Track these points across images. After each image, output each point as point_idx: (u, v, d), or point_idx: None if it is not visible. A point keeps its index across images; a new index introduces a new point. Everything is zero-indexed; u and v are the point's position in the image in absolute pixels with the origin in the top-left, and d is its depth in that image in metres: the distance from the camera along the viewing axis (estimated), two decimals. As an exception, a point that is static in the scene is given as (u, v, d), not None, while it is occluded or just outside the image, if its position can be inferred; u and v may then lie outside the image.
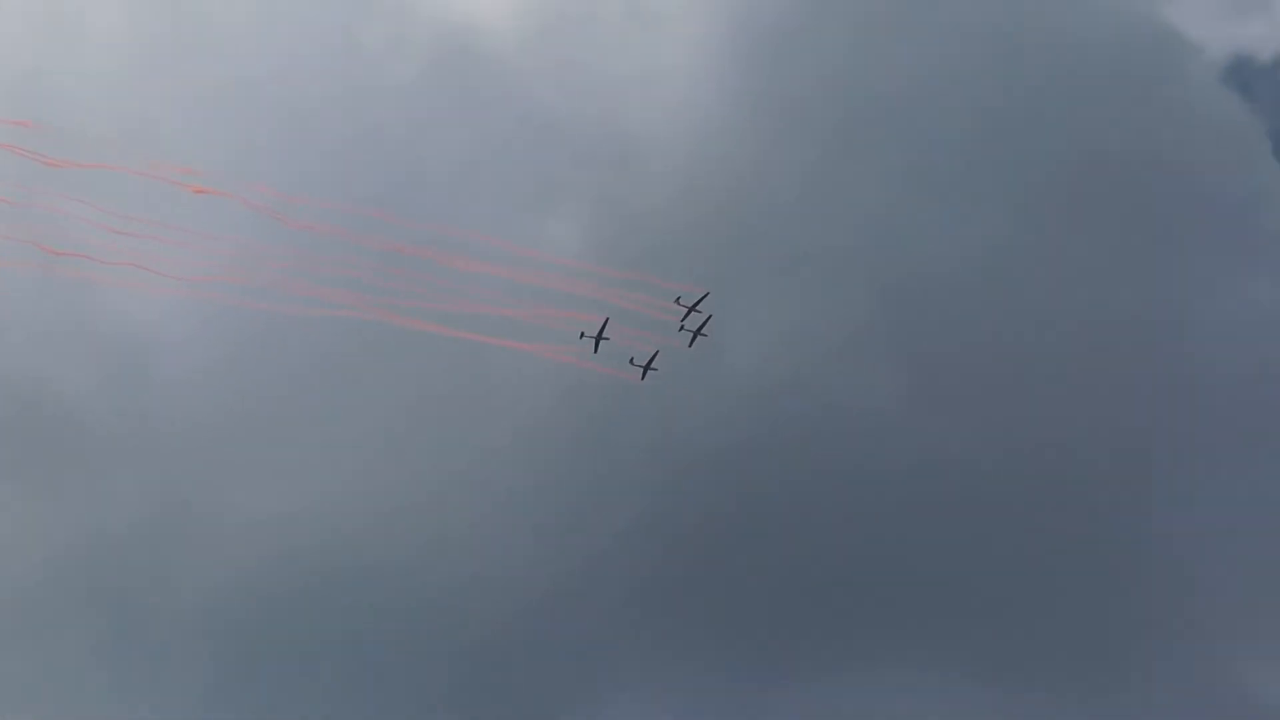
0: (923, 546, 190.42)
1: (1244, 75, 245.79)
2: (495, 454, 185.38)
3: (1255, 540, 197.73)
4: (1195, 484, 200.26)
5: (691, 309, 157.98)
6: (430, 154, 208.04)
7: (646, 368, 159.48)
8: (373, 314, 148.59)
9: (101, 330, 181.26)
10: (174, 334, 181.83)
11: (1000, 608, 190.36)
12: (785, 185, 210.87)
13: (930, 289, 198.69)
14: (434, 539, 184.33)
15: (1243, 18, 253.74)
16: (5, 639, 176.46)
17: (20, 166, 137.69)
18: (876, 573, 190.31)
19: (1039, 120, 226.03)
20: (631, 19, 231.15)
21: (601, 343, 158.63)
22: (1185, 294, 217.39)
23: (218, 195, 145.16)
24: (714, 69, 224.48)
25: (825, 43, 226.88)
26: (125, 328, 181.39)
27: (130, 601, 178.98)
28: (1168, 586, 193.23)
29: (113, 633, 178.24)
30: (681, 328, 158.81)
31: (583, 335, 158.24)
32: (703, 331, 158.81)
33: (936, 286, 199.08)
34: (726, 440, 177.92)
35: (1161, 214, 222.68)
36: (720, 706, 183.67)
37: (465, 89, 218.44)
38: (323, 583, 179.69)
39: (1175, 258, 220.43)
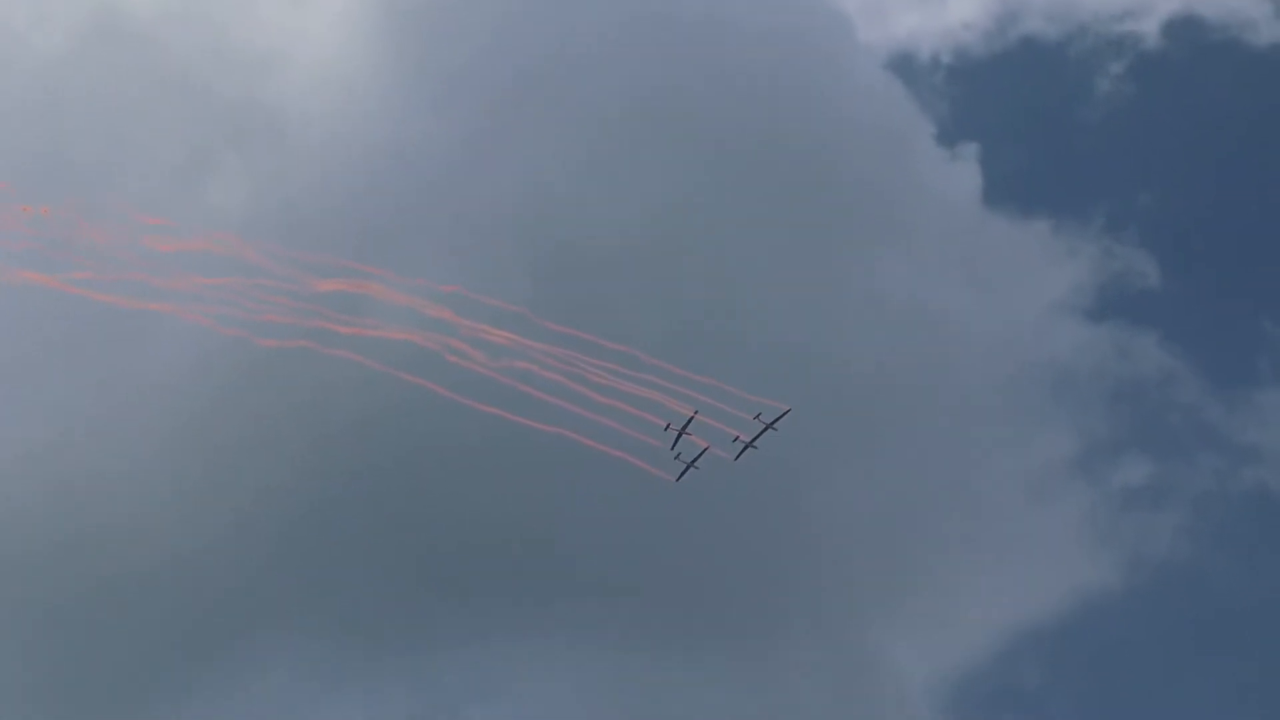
0: (560, 518, 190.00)
1: (908, 65, 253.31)
2: (132, 411, 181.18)
3: (891, 522, 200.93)
4: (838, 470, 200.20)
5: (769, 426, 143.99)
6: (76, 127, 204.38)
7: (689, 466, 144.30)
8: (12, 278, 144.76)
9: None
10: None
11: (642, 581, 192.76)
12: (441, 157, 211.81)
13: (588, 263, 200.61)
14: (64, 486, 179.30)
15: (907, 8, 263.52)
16: None
17: None
18: (514, 546, 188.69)
19: (703, 98, 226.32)
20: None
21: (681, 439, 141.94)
22: (848, 278, 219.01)
23: None
24: (365, 42, 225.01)
25: (480, 15, 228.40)
26: None
27: None
28: (807, 564, 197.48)
29: None
30: (736, 438, 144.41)
31: (668, 427, 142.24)
32: (754, 444, 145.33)
33: (594, 261, 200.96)
34: (367, 410, 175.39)
35: (826, 197, 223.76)
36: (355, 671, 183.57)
37: (111, 62, 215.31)
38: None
39: (839, 241, 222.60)
